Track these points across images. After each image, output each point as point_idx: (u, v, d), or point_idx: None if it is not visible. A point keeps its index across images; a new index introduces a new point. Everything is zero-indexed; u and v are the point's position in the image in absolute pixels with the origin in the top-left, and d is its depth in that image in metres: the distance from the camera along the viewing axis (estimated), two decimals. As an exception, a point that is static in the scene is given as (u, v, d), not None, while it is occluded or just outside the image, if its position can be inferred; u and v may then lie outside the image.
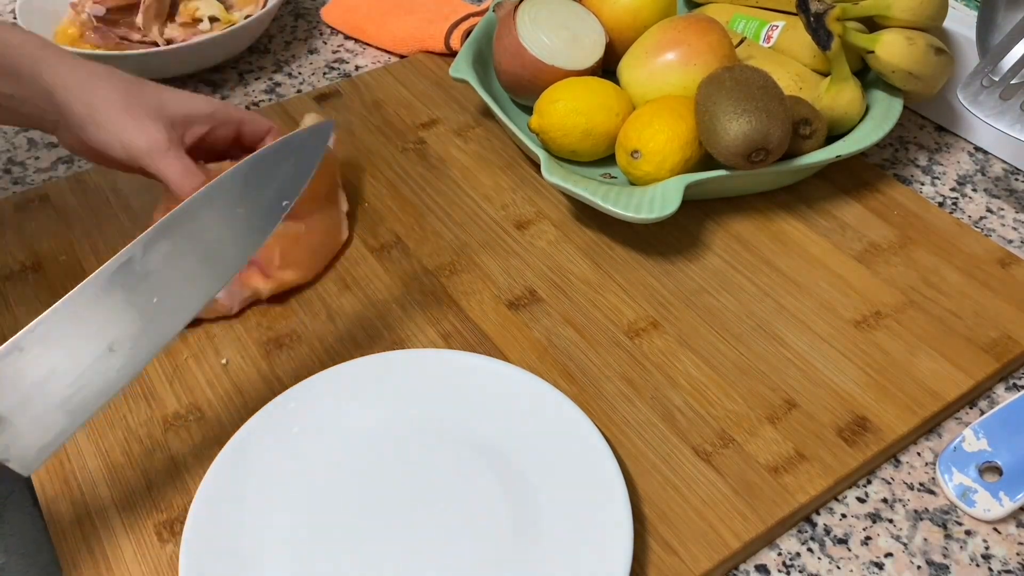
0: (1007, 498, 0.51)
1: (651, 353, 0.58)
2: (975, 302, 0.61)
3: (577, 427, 0.52)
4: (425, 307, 0.62)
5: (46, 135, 0.79)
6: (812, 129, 0.64)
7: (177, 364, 0.59)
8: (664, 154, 0.63)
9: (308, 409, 0.53)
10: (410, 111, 0.78)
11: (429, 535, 0.49)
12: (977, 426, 0.54)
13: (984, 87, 0.63)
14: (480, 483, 0.51)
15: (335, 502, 0.50)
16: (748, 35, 0.74)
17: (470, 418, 0.53)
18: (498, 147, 0.75)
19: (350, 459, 0.52)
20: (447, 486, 0.51)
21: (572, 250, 0.66)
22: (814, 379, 0.57)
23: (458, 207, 0.69)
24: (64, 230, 0.68)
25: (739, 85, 0.61)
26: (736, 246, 0.66)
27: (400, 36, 0.86)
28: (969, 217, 0.69)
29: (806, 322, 0.60)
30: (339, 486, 0.51)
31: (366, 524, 0.49)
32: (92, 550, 0.50)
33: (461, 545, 0.48)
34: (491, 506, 0.49)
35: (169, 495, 0.52)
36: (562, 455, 0.51)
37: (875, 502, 0.52)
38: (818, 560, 0.50)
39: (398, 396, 0.54)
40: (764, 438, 0.54)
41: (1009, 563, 0.50)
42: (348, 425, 0.53)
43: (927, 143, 0.76)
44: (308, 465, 0.51)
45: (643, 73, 0.69)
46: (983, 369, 0.57)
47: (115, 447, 0.54)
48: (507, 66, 0.72)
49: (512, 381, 0.54)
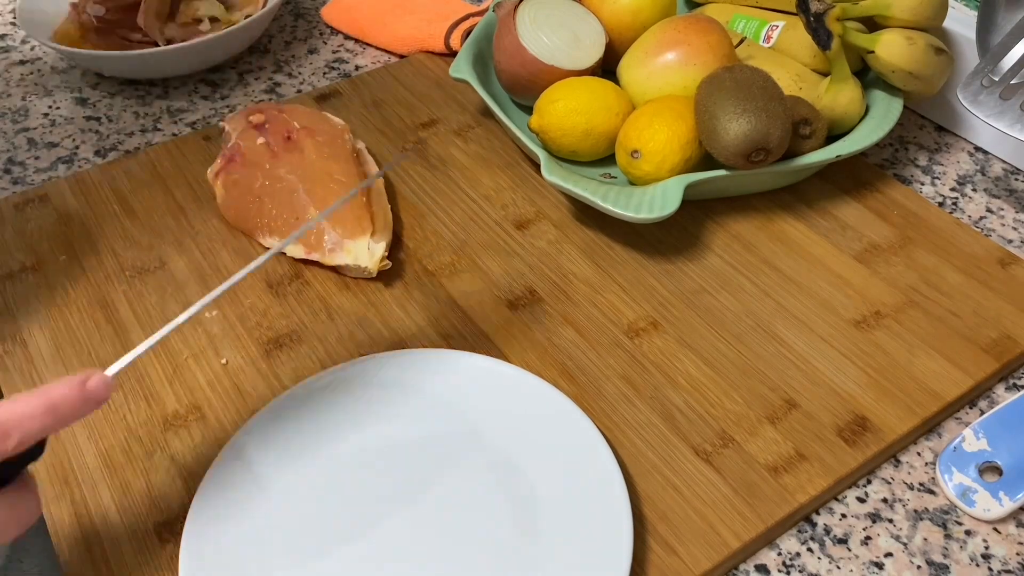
0: (1007, 498, 0.51)
1: (651, 353, 0.58)
2: (975, 302, 0.61)
3: (577, 427, 0.52)
4: (425, 307, 0.62)
5: (46, 134, 0.79)
6: (812, 129, 0.64)
7: (177, 364, 0.59)
8: (664, 154, 0.63)
9: (308, 409, 0.53)
10: (410, 111, 0.78)
11: (429, 535, 0.49)
12: (977, 426, 0.54)
13: (984, 87, 0.63)
14: (480, 483, 0.51)
15: (334, 502, 0.50)
16: (748, 35, 0.74)
17: (471, 418, 0.53)
18: (498, 147, 0.75)
19: (351, 458, 0.52)
20: (447, 486, 0.51)
21: (572, 250, 0.66)
22: (814, 379, 0.57)
23: (458, 207, 0.69)
24: (64, 230, 0.68)
25: (739, 85, 0.61)
26: (736, 246, 0.66)
27: (400, 36, 0.86)
28: (969, 217, 0.69)
29: (806, 322, 0.60)
30: (339, 485, 0.51)
31: (365, 524, 0.49)
32: (92, 550, 0.50)
33: (461, 545, 0.48)
34: (491, 506, 0.49)
35: (169, 495, 0.52)
36: (562, 455, 0.51)
37: (875, 502, 0.52)
38: (818, 560, 0.50)
39: (399, 396, 0.54)
40: (764, 438, 0.54)
41: (1009, 563, 0.50)
42: (348, 424, 0.53)
43: (927, 143, 0.76)
44: (308, 465, 0.51)
45: (643, 73, 0.69)
46: (983, 369, 0.57)
47: (115, 447, 0.54)
48: (507, 66, 0.72)
49: (512, 381, 0.54)
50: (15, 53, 0.89)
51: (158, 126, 0.79)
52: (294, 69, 0.86)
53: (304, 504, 0.50)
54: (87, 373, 0.40)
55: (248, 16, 0.85)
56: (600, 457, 0.50)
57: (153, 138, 0.78)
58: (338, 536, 0.49)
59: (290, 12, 0.94)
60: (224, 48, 0.83)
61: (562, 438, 0.51)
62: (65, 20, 0.84)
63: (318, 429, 0.53)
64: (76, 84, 0.84)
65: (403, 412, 0.54)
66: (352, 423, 0.53)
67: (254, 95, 0.83)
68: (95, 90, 0.84)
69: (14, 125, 0.80)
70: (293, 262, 0.65)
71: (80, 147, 0.77)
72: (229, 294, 0.63)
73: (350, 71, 0.86)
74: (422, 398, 0.54)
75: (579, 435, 0.51)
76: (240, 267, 0.65)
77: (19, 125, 0.80)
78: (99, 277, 0.64)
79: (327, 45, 0.90)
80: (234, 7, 0.87)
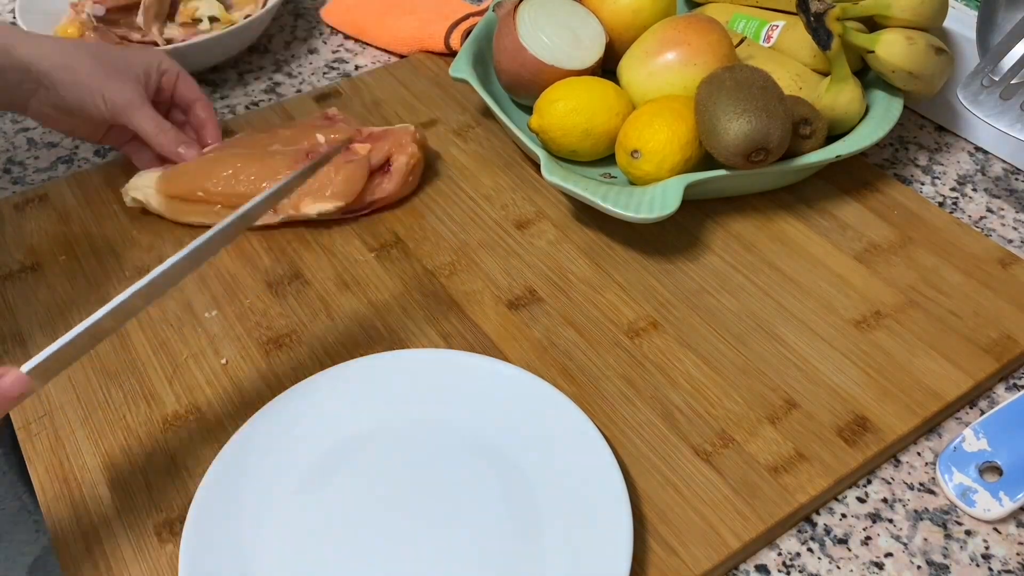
0: (1007, 498, 0.51)
1: (651, 353, 0.58)
2: (975, 302, 0.61)
3: (577, 427, 0.52)
4: (425, 307, 0.62)
5: (46, 134, 0.79)
6: (812, 129, 0.64)
7: (177, 364, 0.59)
8: (664, 154, 0.63)
9: (308, 408, 0.53)
10: (410, 111, 0.78)
11: (430, 534, 0.49)
12: (977, 426, 0.54)
13: (984, 87, 0.63)
14: (481, 483, 0.51)
15: (335, 501, 0.50)
16: (748, 35, 0.74)
17: (471, 418, 0.53)
18: (498, 147, 0.75)
19: (351, 458, 0.52)
20: (448, 485, 0.51)
21: (572, 250, 0.66)
22: (814, 379, 0.57)
23: (458, 207, 0.69)
24: (64, 230, 0.68)
25: (739, 85, 0.61)
26: (736, 246, 0.66)
27: (400, 36, 0.86)
28: (969, 217, 0.69)
29: (806, 322, 0.60)
30: (339, 486, 0.51)
31: (367, 523, 0.49)
32: (92, 550, 0.50)
33: (462, 545, 0.48)
34: (492, 505, 0.49)
35: (169, 495, 0.52)
36: (562, 455, 0.51)
37: (875, 502, 0.52)
38: (818, 560, 0.50)
39: (399, 396, 0.54)
40: (764, 438, 0.54)
41: (1009, 563, 0.50)
42: (348, 424, 0.53)
43: (927, 143, 0.76)
44: (308, 464, 0.51)
45: (643, 73, 0.69)
46: (983, 369, 0.57)
47: (115, 447, 0.54)
48: (507, 66, 0.72)
49: (512, 381, 0.54)
50: (15, 53, 0.89)
51: (158, 126, 0.79)
52: (294, 69, 0.86)
53: (304, 504, 0.50)
54: (2, 370, 0.40)
55: (248, 16, 0.85)
56: (600, 457, 0.50)
57: (153, 138, 0.78)
58: (338, 535, 0.49)
59: (290, 12, 0.94)
60: (224, 48, 0.83)
61: (562, 438, 0.51)
62: (65, 20, 0.84)
63: (318, 429, 0.53)
64: (76, 84, 0.84)
65: (403, 412, 0.54)
66: (352, 422, 0.53)
67: (254, 95, 0.83)
68: (95, 90, 0.84)
69: (14, 125, 0.80)
70: (292, 261, 0.65)
71: (80, 147, 0.77)
72: (229, 294, 0.63)
73: (350, 71, 0.86)
74: (422, 398, 0.54)
75: (579, 435, 0.51)
76: (240, 266, 0.65)
77: (19, 125, 0.80)
78: (99, 277, 0.64)
79: (327, 45, 0.90)
80: (234, 7, 0.87)
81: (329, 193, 0.65)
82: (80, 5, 0.83)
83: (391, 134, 0.69)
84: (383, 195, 0.67)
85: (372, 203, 0.68)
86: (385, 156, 0.68)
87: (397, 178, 0.67)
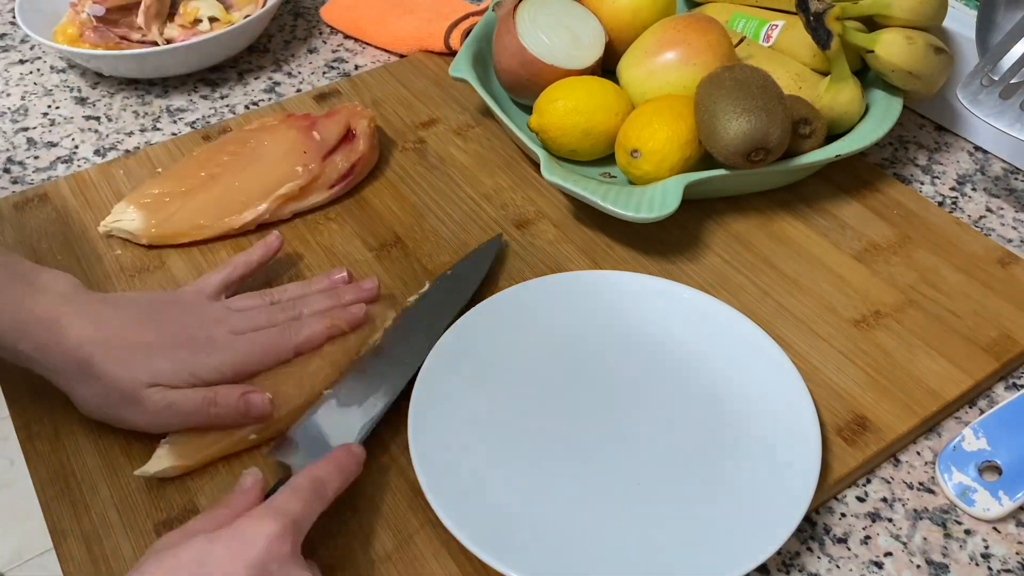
0: (1006, 497, 0.51)
1: (651, 353, 0.58)
2: (975, 302, 0.61)
3: (761, 349, 0.56)
4: (425, 307, 0.62)
5: (46, 134, 0.79)
6: (812, 128, 0.64)
7: (177, 364, 0.59)
8: (664, 153, 0.63)
9: (524, 314, 0.58)
10: (410, 110, 0.78)
11: (629, 440, 0.53)
12: (977, 425, 0.54)
13: (984, 86, 0.63)
14: (676, 396, 0.55)
15: (541, 404, 0.55)
16: (748, 34, 0.74)
17: (667, 339, 0.58)
18: (498, 147, 0.75)
19: (560, 364, 0.57)
20: (645, 396, 0.55)
21: (572, 250, 0.66)
22: (814, 379, 0.57)
23: (458, 207, 0.69)
24: (63, 230, 0.68)
25: (739, 84, 0.61)
26: (736, 246, 0.66)
27: (400, 35, 0.86)
28: (969, 216, 0.69)
29: (806, 322, 0.60)
30: (545, 389, 0.55)
31: (569, 429, 0.53)
32: (92, 550, 0.50)
33: (660, 446, 0.53)
34: (684, 414, 0.54)
35: (169, 495, 0.52)
36: (748, 372, 0.56)
37: (875, 501, 0.52)
38: (818, 560, 0.50)
39: (604, 312, 0.59)
40: (764, 438, 0.54)
41: (1009, 562, 0.50)
42: (560, 330, 0.58)
43: (927, 142, 0.76)
44: (516, 364, 0.56)
45: (643, 72, 0.69)
46: (983, 369, 0.57)
47: (115, 447, 0.54)
48: (507, 65, 0.72)
49: (703, 307, 0.59)
50: (15, 53, 0.89)
51: (157, 126, 0.79)
52: (294, 69, 0.86)
53: (514, 406, 0.54)
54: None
55: (248, 16, 0.85)
56: (784, 372, 0.55)
57: (153, 138, 0.78)
58: (543, 441, 0.53)
59: (290, 12, 0.94)
60: (224, 48, 0.83)
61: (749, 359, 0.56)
62: (65, 20, 0.84)
63: (528, 331, 0.58)
64: (76, 84, 0.84)
65: (607, 328, 0.59)
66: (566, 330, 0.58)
67: (254, 95, 0.83)
68: (94, 90, 0.84)
69: (14, 125, 0.80)
70: (292, 261, 0.65)
71: (79, 147, 0.77)
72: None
73: (350, 71, 0.86)
74: (625, 318, 0.59)
75: (763, 355, 0.56)
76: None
77: (19, 124, 0.80)
78: (99, 277, 0.64)
79: (327, 45, 0.90)
80: (233, 7, 0.87)
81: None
82: (80, 5, 0.83)
83: (342, 109, 0.73)
84: (357, 156, 0.69)
85: (351, 169, 0.69)
86: (345, 126, 0.70)
87: (364, 139, 0.70)
